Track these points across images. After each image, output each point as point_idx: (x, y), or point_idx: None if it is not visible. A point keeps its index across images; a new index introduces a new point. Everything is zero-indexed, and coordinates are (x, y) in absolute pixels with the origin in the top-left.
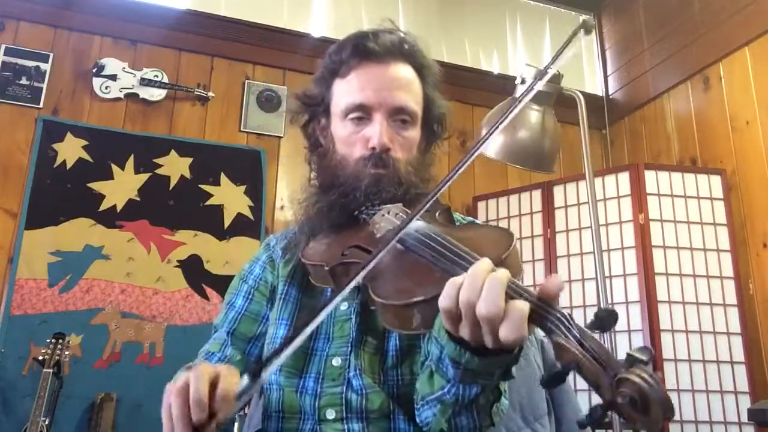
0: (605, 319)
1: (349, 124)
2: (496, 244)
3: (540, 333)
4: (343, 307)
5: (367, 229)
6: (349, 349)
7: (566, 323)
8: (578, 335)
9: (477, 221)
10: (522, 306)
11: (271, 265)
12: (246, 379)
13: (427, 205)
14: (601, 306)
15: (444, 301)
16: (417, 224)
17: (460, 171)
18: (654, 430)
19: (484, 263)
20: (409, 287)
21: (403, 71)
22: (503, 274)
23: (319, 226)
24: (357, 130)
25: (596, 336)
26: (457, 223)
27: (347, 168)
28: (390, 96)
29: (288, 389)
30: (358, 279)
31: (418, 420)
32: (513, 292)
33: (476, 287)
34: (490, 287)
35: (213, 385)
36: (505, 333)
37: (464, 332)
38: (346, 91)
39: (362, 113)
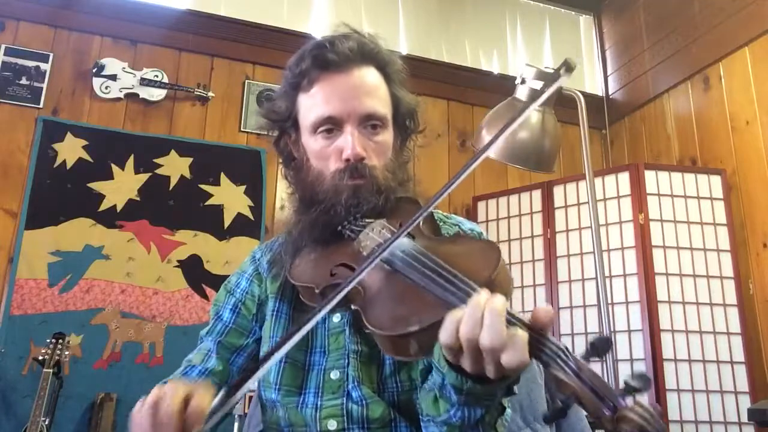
0: (600, 347)
1: (320, 138)
2: (485, 261)
3: None
4: (336, 319)
5: (352, 247)
6: (346, 361)
7: (563, 356)
8: (575, 367)
9: (462, 224)
10: (522, 333)
11: (257, 278)
12: (221, 394)
13: (412, 226)
14: (601, 306)
15: (444, 337)
16: (403, 242)
17: (448, 191)
18: None
19: (481, 298)
20: (403, 315)
21: (367, 76)
22: (501, 304)
23: (303, 245)
24: (329, 143)
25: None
26: (440, 223)
27: (324, 182)
28: (358, 104)
29: (289, 407)
30: (338, 298)
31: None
32: (509, 321)
33: (477, 321)
34: (491, 320)
35: (186, 401)
36: (508, 359)
37: (466, 364)
38: (311, 106)
39: (332, 125)
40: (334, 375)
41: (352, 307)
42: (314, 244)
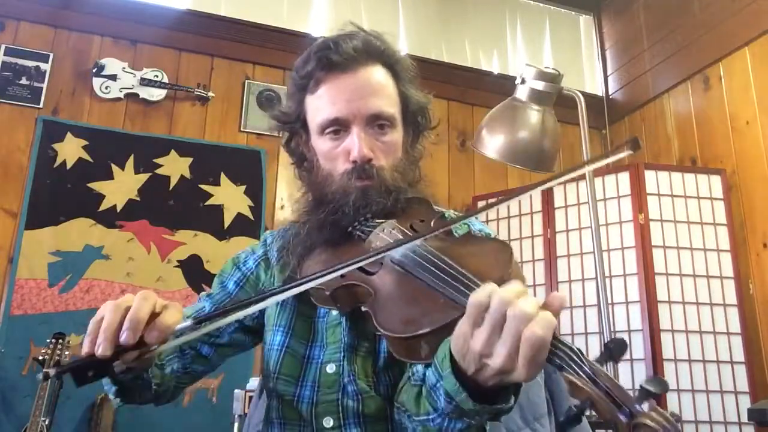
0: (616, 351)
1: (328, 139)
2: (496, 261)
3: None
4: (335, 312)
5: (363, 248)
6: (342, 354)
7: (577, 359)
8: (590, 371)
9: (472, 223)
10: (552, 316)
11: (265, 262)
12: (189, 321)
13: (431, 234)
14: (601, 306)
15: (478, 295)
16: (414, 243)
17: (487, 210)
18: None
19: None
20: (415, 317)
21: (373, 75)
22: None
23: (313, 245)
24: (336, 145)
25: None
26: (455, 234)
27: (333, 183)
28: (363, 104)
29: (286, 398)
30: (346, 268)
31: (396, 417)
32: None
33: (513, 293)
34: (527, 299)
35: (155, 315)
36: (531, 332)
37: (478, 339)
38: (318, 107)
39: (338, 126)
40: (330, 369)
41: (362, 308)
42: (325, 244)
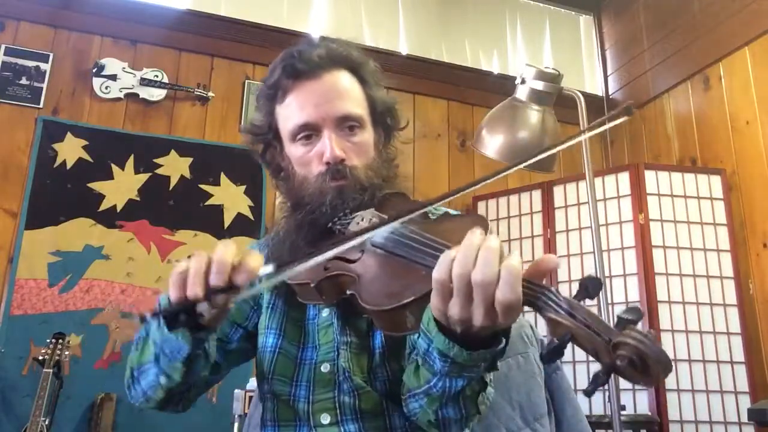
0: (590, 287)
1: (300, 145)
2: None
3: (540, 332)
4: (325, 313)
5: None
6: (336, 353)
7: (554, 297)
8: (568, 307)
9: (450, 211)
10: (515, 263)
11: None
12: (271, 266)
13: (412, 215)
14: (601, 306)
15: (437, 273)
16: (392, 226)
17: (461, 193)
18: (654, 386)
19: (477, 235)
20: (398, 290)
21: (339, 79)
22: (496, 241)
23: (293, 246)
24: (309, 149)
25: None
26: (432, 216)
27: (309, 187)
28: (331, 107)
29: (283, 398)
30: (361, 237)
31: (405, 411)
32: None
33: (470, 257)
34: (485, 254)
35: (237, 260)
36: (502, 294)
37: (454, 309)
38: (287, 115)
39: (309, 131)
40: (325, 368)
41: (347, 292)
42: (306, 245)
